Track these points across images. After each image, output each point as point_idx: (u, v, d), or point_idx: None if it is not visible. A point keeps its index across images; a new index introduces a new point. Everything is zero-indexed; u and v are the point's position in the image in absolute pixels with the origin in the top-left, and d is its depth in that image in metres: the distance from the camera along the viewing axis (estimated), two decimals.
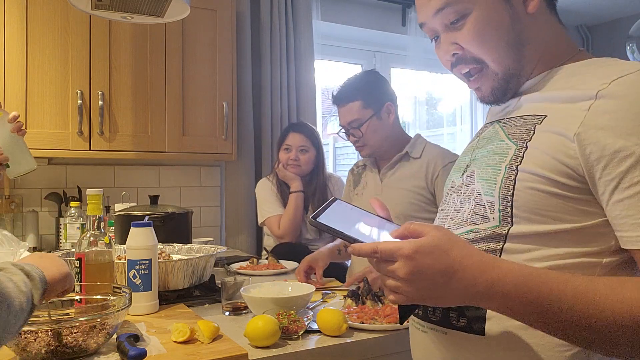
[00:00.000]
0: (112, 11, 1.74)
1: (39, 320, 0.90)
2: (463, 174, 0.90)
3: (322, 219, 0.75)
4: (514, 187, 0.77)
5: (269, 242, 2.44)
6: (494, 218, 0.79)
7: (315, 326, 1.15)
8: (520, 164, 0.78)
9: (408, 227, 0.71)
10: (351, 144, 1.84)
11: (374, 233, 0.77)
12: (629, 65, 0.75)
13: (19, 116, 1.52)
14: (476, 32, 0.82)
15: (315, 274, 1.72)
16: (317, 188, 2.41)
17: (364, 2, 3.34)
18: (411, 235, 0.70)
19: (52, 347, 0.92)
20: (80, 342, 0.95)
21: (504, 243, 0.78)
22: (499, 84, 0.86)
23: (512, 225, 0.77)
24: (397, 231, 0.73)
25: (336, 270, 1.97)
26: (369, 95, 1.75)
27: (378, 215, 0.81)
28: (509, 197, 0.78)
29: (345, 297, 1.37)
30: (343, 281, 1.76)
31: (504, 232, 0.78)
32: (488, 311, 0.77)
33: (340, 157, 4.09)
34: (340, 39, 3.40)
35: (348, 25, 3.30)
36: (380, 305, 1.29)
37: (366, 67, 3.56)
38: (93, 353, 0.98)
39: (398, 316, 0.80)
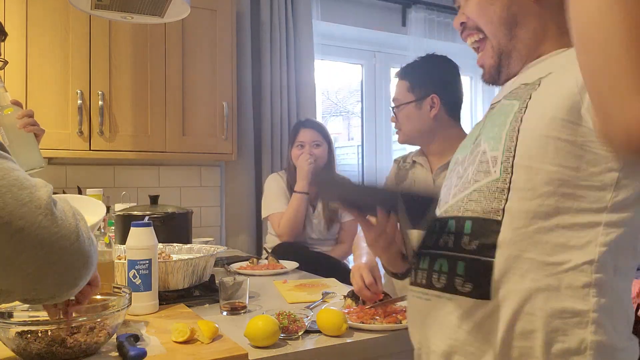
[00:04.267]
0: (112, 11, 1.74)
1: (38, 320, 0.90)
2: (468, 146, 0.92)
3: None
4: (517, 137, 0.79)
5: (271, 240, 2.44)
6: (495, 171, 0.80)
7: (315, 326, 1.15)
8: (524, 114, 0.80)
9: None
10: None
11: None
12: None
13: (31, 114, 1.53)
14: (477, 3, 0.91)
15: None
16: None
17: (364, 2, 3.34)
18: None
19: (52, 348, 0.92)
20: (80, 342, 0.95)
21: (506, 201, 0.78)
22: (493, 61, 0.92)
23: (512, 175, 0.78)
24: None
25: (336, 270, 1.97)
26: (417, 80, 1.65)
27: None
28: (512, 148, 0.79)
29: (345, 297, 1.37)
30: (343, 281, 1.75)
31: (505, 185, 0.79)
32: (493, 275, 0.78)
33: (340, 157, 4.09)
34: (340, 39, 3.40)
35: (348, 25, 3.30)
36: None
37: (366, 67, 3.57)
38: (93, 353, 0.98)
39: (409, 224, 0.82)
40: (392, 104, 1.70)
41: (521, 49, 0.90)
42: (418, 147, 1.77)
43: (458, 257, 0.83)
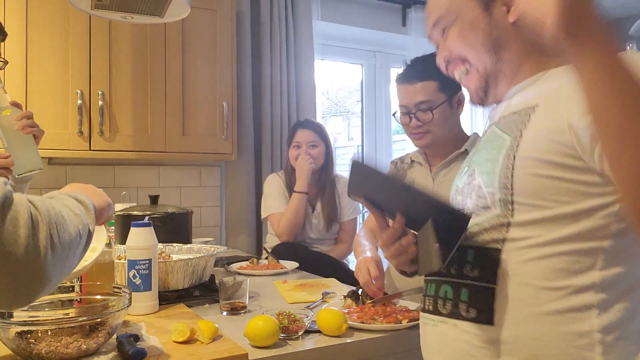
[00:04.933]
0: (112, 11, 1.74)
1: (38, 320, 0.90)
2: (465, 175, 0.92)
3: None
4: (512, 175, 0.79)
5: (271, 240, 2.44)
6: (495, 207, 0.82)
7: (315, 326, 1.15)
8: (517, 151, 0.80)
9: None
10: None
11: None
12: None
13: (30, 115, 1.52)
14: (457, 37, 0.93)
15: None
16: (327, 183, 2.41)
17: (364, 2, 3.34)
18: None
19: (52, 347, 0.92)
20: (80, 342, 0.95)
21: (507, 232, 0.80)
22: (479, 83, 0.93)
23: (514, 212, 0.79)
24: None
25: (336, 270, 1.97)
26: (446, 78, 1.61)
27: None
28: (509, 185, 0.80)
29: (345, 297, 1.37)
30: (343, 281, 1.75)
31: (506, 221, 0.80)
32: (496, 301, 0.79)
33: (340, 157, 4.09)
34: (340, 39, 3.40)
35: (348, 25, 3.31)
36: (380, 304, 1.29)
37: (366, 67, 3.57)
38: (93, 353, 0.98)
39: (440, 260, 0.80)
40: (418, 108, 1.56)
41: (506, 70, 0.91)
42: (417, 148, 1.75)
43: (461, 283, 0.84)
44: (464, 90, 1.64)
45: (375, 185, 0.92)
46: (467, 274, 0.84)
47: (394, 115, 1.67)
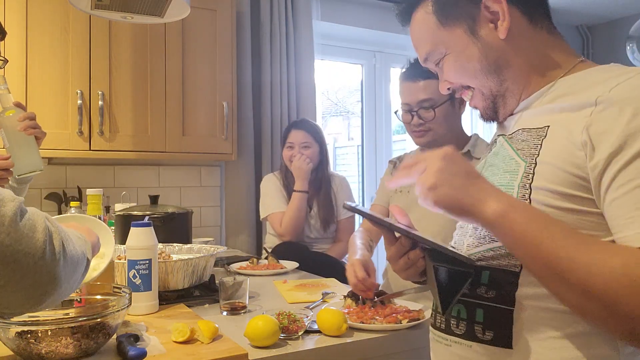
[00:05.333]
0: (112, 11, 1.74)
1: (38, 320, 0.90)
2: None
3: (358, 206, 0.83)
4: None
5: (270, 240, 2.44)
6: None
7: (315, 326, 1.15)
8: (532, 181, 0.77)
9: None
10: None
11: (400, 225, 0.82)
12: (629, 70, 0.74)
13: (33, 116, 1.53)
14: (453, 68, 0.91)
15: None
16: (322, 183, 2.41)
17: (364, 2, 3.34)
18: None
19: (52, 347, 0.92)
20: (80, 342, 0.95)
21: None
22: (487, 104, 0.91)
23: None
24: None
25: (336, 270, 1.97)
26: None
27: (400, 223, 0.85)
28: None
29: (345, 297, 1.37)
30: (343, 281, 1.75)
31: None
32: (514, 324, 0.77)
33: (340, 157, 4.09)
34: (340, 39, 3.40)
35: (348, 25, 3.31)
36: (380, 304, 1.29)
37: (366, 67, 3.57)
38: (93, 353, 0.98)
39: (439, 305, 0.78)
40: (421, 105, 1.59)
41: (513, 87, 0.87)
42: (417, 147, 1.76)
43: (476, 304, 0.82)
44: None
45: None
46: (481, 294, 0.81)
47: (395, 113, 1.68)
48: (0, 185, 1.43)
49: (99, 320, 0.95)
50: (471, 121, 3.79)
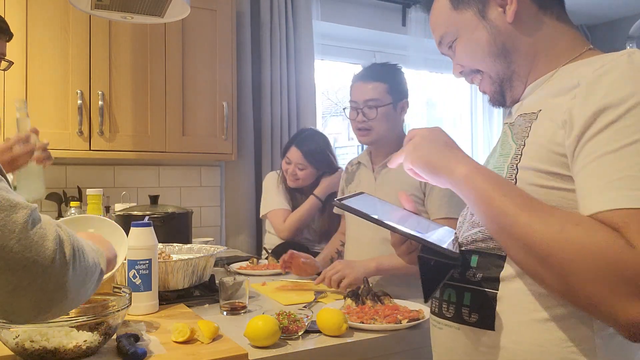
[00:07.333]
0: (112, 11, 1.74)
1: None
2: None
3: (347, 202, 0.83)
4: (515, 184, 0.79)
5: (270, 239, 2.44)
6: None
7: (315, 326, 1.15)
8: (519, 161, 0.80)
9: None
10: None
11: (394, 217, 0.84)
12: (620, 53, 0.76)
13: (46, 146, 1.54)
14: (464, 51, 0.93)
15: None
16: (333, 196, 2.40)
17: (364, 2, 3.34)
18: None
19: (52, 347, 0.92)
20: (80, 342, 0.95)
21: None
22: (495, 88, 0.93)
23: None
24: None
25: None
26: (396, 84, 1.75)
27: (404, 209, 0.91)
28: None
29: (345, 297, 1.37)
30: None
31: None
32: (497, 306, 0.80)
33: (340, 157, 4.08)
34: (340, 39, 3.40)
35: (348, 25, 3.31)
36: (380, 304, 1.29)
37: None
38: (93, 353, 0.98)
39: (423, 294, 0.81)
40: (366, 104, 1.71)
41: (519, 71, 0.89)
42: (364, 150, 1.86)
43: (465, 287, 0.85)
44: (410, 100, 1.77)
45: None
46: (470, 278, 0.84)
47: (344, 110, 1.82)
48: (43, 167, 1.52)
49: (99, 320, 0.95)
50: (471, 121, 3.79)
